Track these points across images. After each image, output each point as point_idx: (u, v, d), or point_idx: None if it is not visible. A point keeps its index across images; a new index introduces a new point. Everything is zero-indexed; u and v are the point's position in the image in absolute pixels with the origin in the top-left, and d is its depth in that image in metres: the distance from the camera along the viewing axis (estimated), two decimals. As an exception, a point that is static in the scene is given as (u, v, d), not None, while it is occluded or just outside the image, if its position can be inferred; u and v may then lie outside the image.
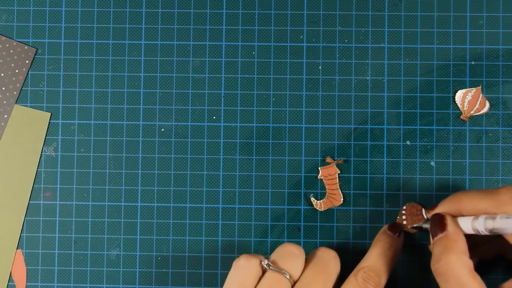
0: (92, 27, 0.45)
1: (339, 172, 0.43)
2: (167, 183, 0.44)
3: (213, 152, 0.44)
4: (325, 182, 0.43)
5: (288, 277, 0.36)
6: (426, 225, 0.40)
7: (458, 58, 0.44)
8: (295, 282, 0.37)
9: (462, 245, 0.35)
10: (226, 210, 0.44)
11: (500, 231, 0.34)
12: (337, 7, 0.44)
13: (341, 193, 0.43)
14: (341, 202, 0.43)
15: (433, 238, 0.37)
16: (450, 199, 0.38)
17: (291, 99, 0.44)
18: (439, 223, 0.37)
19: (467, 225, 0.36)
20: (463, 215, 0.37)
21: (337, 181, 0.43)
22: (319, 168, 0.43)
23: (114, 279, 0.44)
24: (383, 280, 0.37)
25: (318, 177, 0.43)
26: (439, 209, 0.39)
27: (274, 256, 0.37)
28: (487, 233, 0.35)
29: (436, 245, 0.36)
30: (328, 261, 0.37)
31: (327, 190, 0.43)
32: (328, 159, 0.43)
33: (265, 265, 0.36)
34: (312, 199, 0.43)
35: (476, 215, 0.36)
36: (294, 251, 0.37)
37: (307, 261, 0.38)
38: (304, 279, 0.36)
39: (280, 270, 0.36)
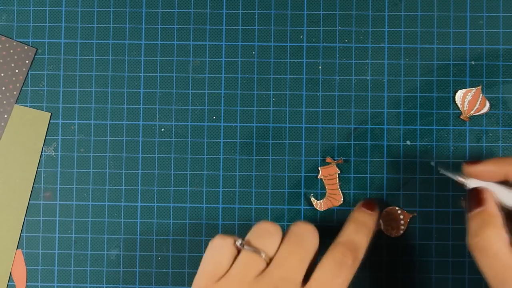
0: (92, 27, 0.45)
1: (339, 172, 0.43)
2: (167, 183, 0.44)
3: (213, 152, 0.44)
4: (325, 182, 0.43)
5: (263, 256, 0.35)
6: (461, 179, 0.39)
7: (458, 58, 0.44)
8: (270, 259, 0.35)
9: (500, 220, 0.35)
10: (226, 210, 0.44)
11: None
12: (337, 7, 0.44)
13: (341, 193, 0.43)
14: (341, 202, 0.43)
15: (469, 212, 0.36)
16: (495, 160, 0.37)
17: (291, 99, 0.44)
18: (476, 197, 0.36)
19: (509, 198, 0.36)
20: (507, 180, 0.37)
21: (337, 181, 0.43)
22: (319, 168, 0.43)
23: (114, 279, 0.44)
24: (360, 254, 0.36)
25: (318, 177, 0.43)
26: (481, 168, 0.38)
27: (249, 235, 0.36)
28: None
29: (473, 220, 0.36)
30: (305, 236, 0.36)
31: (327, 190, 0.43)
32: (328, 159, 0.43)
33: (239, 245, 0.36)
34: (312, 199, 0.43)
35: None
36: (269, 229, 0.36)
37: (284, 237, 0.36)
38: (280, 255, 0.35)
39: (254, 249, 0.35)
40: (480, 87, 0.43)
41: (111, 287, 0.44)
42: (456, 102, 0.43)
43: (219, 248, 0.36)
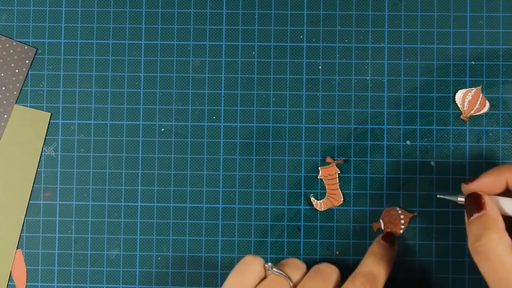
0: (92, 27, 0.45)
1: (339, 172, 0.43)
2: (167, 183, 0.44)
3: (213, 152, 0.44)
4: (325, 182, 0.43)
5: (289, 283, 0.37)
6: (460, 199, 0.39)
7: (458, 58, 0.44)
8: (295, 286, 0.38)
9: (501, 223, 0.35)
10: (226, 210, 0.44)
11: None
12: (337, 7, 0.44)
13: (341, 193, 0.43)
14: (341, 202, 0.43)
15: (468, 217, 0.36)
16: (493, 171, 0.38)
17: (291, 99, 0.44)
18: (476, 202, 0.36)
19: (508, 205, 0.36)
20: (507, 189, 0.37)
21: (337, 181, 0.43)
22: (319, 168, 0.43)
23: (114, 279, 0.44)
24: (380, 285, 0.38)
25: (318, 177, 0.43)
26: (479, 183, 0.38)
27: (277, 265, 0.39)
28: None
29: (474, 225, 0.35)
30: (328, 272, 0.38)
31: (327, 190, 0.43)
32: (328, 159, 0.43)
33: (268, 267, 0.38)
34: (312, 199, 0.43)
35: None
36: (296, 262, 0.39)
37: (309, 271, 0.39)
38: (304, 285, 0.38)
39: (282, 273, 0.37)
40: (480, 87, 0.43)
41: (111, 287, 0.44)
42: (456, 102, 0.43)
43: (250, 265, 0.38)
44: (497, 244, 0.34)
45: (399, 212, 0.43)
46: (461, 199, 0.39)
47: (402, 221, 0.43)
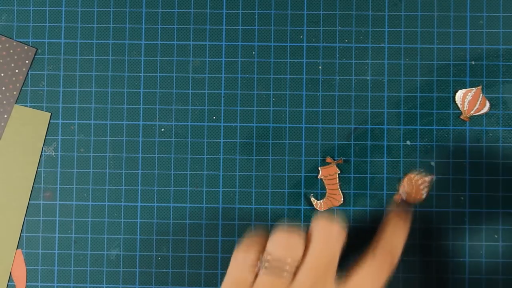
0: (92, 27, 0.45)
1: (339, 172, 0.43)
2: (167, 183, 0.44)
3: (213, 152, 0.44)
4: (325, 182, 0.43)
5: (285, 274, 0.34)
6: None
7: (458, 58, 0.44)
8: (297, 267, 0.35)
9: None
10: (226, 210, 0.44)
11: None
12: (337, 7, 0.44)
13: (341, 193, 0.43)
14: (341, 202, 0.43)
15: None
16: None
17: (291, 99, 0.44)
18: None
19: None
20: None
21: (337, 181, 0.43)
22: (319, 168, 0.43)
23: (114, 279, 0.44)
24: (398, 255, 0.38)
25: (318, 177, 0.43)
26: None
27: (270, 246, 0.35)
28: None
29: None
30: (330, 235, 0.36)
31: (327, 190, 0.43)
32: (328, 159, 0.43)
33: (260, 265, 0.35)
34: (312, 199, 0.43)
35: None
36: (290, 243, 0.35)
37: (308, 240, 0.36)
38: (306, 265, 0.35)
39: (275, 269, 0.34)
40: (480, 87, 0.43)
41: (111, 287, 0.44)
42: (456, 102, 0.43)
43: (242, 265, 0.35)
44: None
45: (417, 178, 0.43)
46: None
47: (422, 186, 0.43)
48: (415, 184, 0.42)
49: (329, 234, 0.36)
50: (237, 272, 0.36)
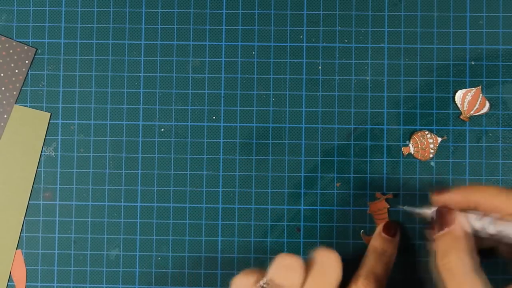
0: (92, 27, 0.45)
1: (388, 206, 0.43)
2: (167, 183, 0.44)
3: (213, 152, 0.44)
4: (374, 217, 0.43)
5: None
6: (426, 210, 0.39)
7: (458, 58, 0.44)
8: None
9: (469, 242, 0.35)
10: (226, 210, 0.44)
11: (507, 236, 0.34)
12: (337, 7, 0.44)
13: None
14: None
15: (438, 231, 0.36)
16: (462, 190, 0.37)
17: (291, 99, 0.44)
18: (446, 217, 0.36)
19: (476, 222, 0.36)
20: (471, 209, 0.37)
21: (387, 216, 0.43)
22: (368, 203, 0.43)
23: (114, 279, 0.44)
24: (383, 282, 0.38)
25: (368, 212, 0.43)
26: (448, 197, 0.37)
27: (271, 271, 0.36)
28: (493, 233, 0.35)
29: (442, 240, 0.35)
30: (329, 266, 0.36)
31: (377, 225, 0.42)
32: (378, 194, 0.43)
33: (261, 285, 0.35)
34: (362, 235, 0.43)
35: (486, 212, 0.35)
36: (290, 264, 0.35)
37: (308, 268, 0.36)
38: None
39: None
40: (480, 87, 0.43)
41: (111, 287, 0.44)
42: (456, 102, 0.43)
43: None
44: (464, 262, 0.34)
45: (428, 135, 0.42)
46: (426, 210, 0.38)
47: (432, 145, 0.42)
48: (426, 142, 0.42)
49: (328, 263, 0.36)
50: None
